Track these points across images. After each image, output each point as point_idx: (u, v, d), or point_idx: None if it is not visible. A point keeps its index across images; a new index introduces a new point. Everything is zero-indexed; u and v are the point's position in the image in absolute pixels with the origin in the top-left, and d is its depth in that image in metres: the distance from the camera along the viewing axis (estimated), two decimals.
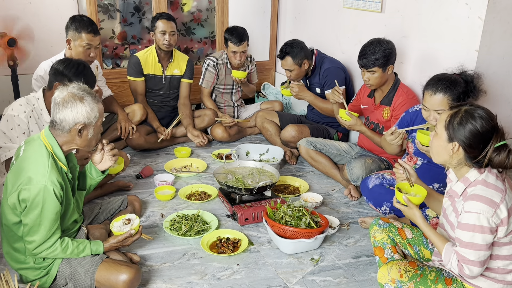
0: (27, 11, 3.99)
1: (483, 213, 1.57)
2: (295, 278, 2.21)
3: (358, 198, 3.01)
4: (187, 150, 3.61)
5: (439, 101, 2.20)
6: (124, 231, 2.09)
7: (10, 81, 3.94)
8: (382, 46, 2.73)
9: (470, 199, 1.61)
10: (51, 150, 1.91)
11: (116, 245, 2.09)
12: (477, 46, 2.58)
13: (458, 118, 1.64)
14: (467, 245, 1.61)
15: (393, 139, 2.49)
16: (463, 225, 1.61)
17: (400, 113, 2.78)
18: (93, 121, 1.94)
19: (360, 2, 3.50)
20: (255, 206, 2.65)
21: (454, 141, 1.66)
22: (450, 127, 1.66)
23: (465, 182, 1.68)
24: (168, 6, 4.29)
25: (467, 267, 1.62)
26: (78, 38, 2.94)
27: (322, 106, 3.54)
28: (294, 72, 3.47)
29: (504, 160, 1.60)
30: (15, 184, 1.85)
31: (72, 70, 2.41)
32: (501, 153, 1.60)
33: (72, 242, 1.97)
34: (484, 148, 1.61)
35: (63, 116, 1.89)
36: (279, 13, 4.78)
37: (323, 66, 3.51)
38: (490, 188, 1.61)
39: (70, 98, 1.89)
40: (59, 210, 1.88)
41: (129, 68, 3.68)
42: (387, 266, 1.87)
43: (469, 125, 1.61)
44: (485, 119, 1.61)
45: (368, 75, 2.81)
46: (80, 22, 2.94)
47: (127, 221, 2.16)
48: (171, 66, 3.74)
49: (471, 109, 1.64)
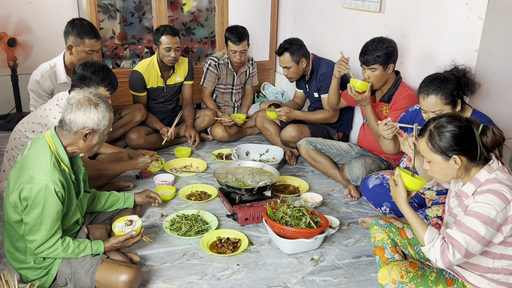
0: (27, 11, 3.99)
1: (493, 204, 1.56)
2: (295, 278, 2.21)
3: (358, 198, 3.01)
4: (187, 150, 3.61)
5: (433, 102, 2.22)
6: (125, 232, 2.09)
7: (10, 81, 3.95)
8: (384, 44, 2.74)
9: (483, 192, 1.61)
10: (54, 151, 1.91)
11: (116, 246, 2.09)
12: (477, 46, 2.58)
13: (437, 137, 1.67)
14: (464, 229, 1.58)
15: (385, 129, 2.48)
16: (469, 211, 1.60)
17: (399, 105, 2.78)
18: (101, 128, 1.96)
19: (359, 2, 3.50)
20: (255, 206, 2.65)
21: (451, 155, 1.66)
22: (437, 147, 1.68)
23: (475, 183, 1.68)
24: (168, 6, 4.29)
25: (452, 248, 1.59)
26: (80, 44, 2.94)
27: (313, 118, 3.53)
28: (292, 70, 3.46)
29: (493, 138, 1.65)
30: (17, 182, 1.86)
31: (101, 75, 2.50)
32: (487, 135, 1.65)
33: (73, 241, 1.97)
34: (474, 142, 1.64)
35: (74, 117, 1.90)
36: (279, 13, 4.78)
37: (320, 70, 3.49)
38: (503, 185, 1.61)
39: (85, 102, 1.91)
40: (61, 210, 1.88)
41: (132, 84, 3.63)
42: (387, 267, 1.86)
43: (448, 134, 1.65)
44: (452, 121, 1.66)
45: (368, 72, 2.80)
46: (82, 28, 2.93)
47: (129, 222, 2.17)
48: (173, 76, 3.74)
49: (437, 123, 1.69)
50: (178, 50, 3.55)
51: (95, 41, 2.97)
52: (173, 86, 3.78)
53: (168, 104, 3.86)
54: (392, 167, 2.99)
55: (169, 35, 3.48)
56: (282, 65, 3.47)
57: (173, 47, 3.50)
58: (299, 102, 3.93)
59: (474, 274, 1.71)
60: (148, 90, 3.67)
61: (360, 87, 2.77)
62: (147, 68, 3.60)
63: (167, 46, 3.49)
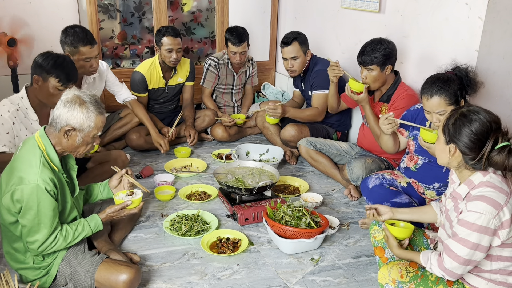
0: (27, 11, 3.99)
1: (485, 213, 1.56)
2: (295, 278, 2.21)
3: (358, 198, 3.01)
4: (187, 150, 3.61)
5: (437, 103, 2.20)
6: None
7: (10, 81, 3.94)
8: (383, 45, 2.74)
9: (475, 199, 1.60)
10: (44, 150, 1.89)
11: (112, 215, 2.07)
12: (477, 46, 2.58)
13: (453, 120, 1.65)
14: (459, 240, 1.60)
15: (385, 123, 2.48)
16: (462, 221, 1.61)
17: (399, 105, 2.78)
18: (85, 129, 1.90)
19: (358, 2, 3.50)
20: (255, 206, 2.65)
21: (451, 143, 1.66)
22: (446, 129, 1.67)
23: (469, 185, 1.67)
24: (168, 6, 4.29)
25: (448, 259, 1.61)
26: (76, 53, 2.83)
27: (301, 116, 3.51)
28: (298, 61, 3.43)
29: (503, 160, 1.57)
30: (8, 184, 1.84)
31: (51, 63, 2.36)
32: (501, 154, 1.57)
33: (70, 226, 1.96)
34: (481, 150, 1.60)
35: (59, 113, 1.88)
36: (279, 13, 4.78)
37: (315, 67, 3.49)
38: (495, 190, 1.60)
39: (72, 99, 1.88)
40: (56, 206, 1.87)
41: (133, 84, 3.62)
42: (387, 266, 1.86)
43: (463, 127, 1.62)
44: (480, 121, 1.60)
45: (366, 72, 2.81)
46: (74, 36, 2.82)
47: (131, 193, 2.16)
48: (174, 77, 3.74)
49: (467, 111, 1.64)
50: (180, 51, 3.54)
51: (89, 47, 2.85)
52: (174, 87, 3.78)
53: (169, 105, 3.86)
54: (392, 167, 2.99)
55: (171, 36, 3.47)
56: (290, 55, 3.41)
57: (174, 48, 3.49)
58: (298, 101, 3.92)
59: (472, 274, 1.72)
60: (150, 90, 3.67)
61: (356, 88, 2.80)
62: (149, 69, 3.60)
63: (168, 47, 3.48)
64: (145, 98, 3.68)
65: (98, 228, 2.03)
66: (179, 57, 3.55)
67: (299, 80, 3.69)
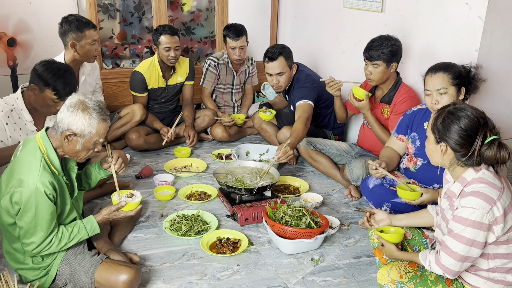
0: (27, 11, 3.98)
1: (479, 208, 1.57)
2: (295, 279, 2.21)
3: (358, 198, 3.01)
4: (187, 150, 3.61)
5: (440, 79, 2.25)
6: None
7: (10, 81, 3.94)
8: (390, 41, 2.76)
9: (468, 195, 1.61)
10: (44, 153, 1.89)
11: (108, 217, 2.05)
12: (477, 46, 2.58)
13: (441, 118, 1.67)
14: (455, 236, 1.61)
15: (374, 173, 2.44)
16: (456, 217, 1.62)
17: (401, 109, 2.79)
18: (86, 135, 1.88)
19: (360, 2, 3.49)
20: (255, 206, 2.65)
21: (441, 142, 1.67)
22: (435, 128, 1.69)
23: (462, 182, 1.68)
24: (168, 6, 4.28)
25: (445, 255, 1.63)
26: (82, 38, 2.92)
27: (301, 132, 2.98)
28: (284, 77, 3.28)
29: (494, 154, 1.59)
30: (7, 186, 1.84)
31: (50, 75, 2.33)
32: (491, 148, 1.59)
33: (66, 228, 1.95)
34: (471, 145, 1.62)
35: (62, 116, 1.87)
36: (279, 13, 4.77)
37: (299, 78, 3.36)
38: (488, 185, 1.61)
39: (76, 104, 1.87)
40: (54, 210, 1.87)
41: (133, 84, 3.62)
42: (387, 267, 1.86)
43: (452, 124, 1.64)
44: (468, 117, 1.62)
45: (371, 68, 2.81)
46: (78, 22, 2.92)
47: (130, 195, 2.14)
48: (174, 76, 3.73)
49: (453, 109, 1.66)
50: (178, 49, 3.54)
51: (94, 30, 2.97)
52: (174, 86, 3.77)
53: (169, 105, 3.85)
54: None
55: (168, 34, 3.47)
56: (276, 71, 3.24)
57: (172, 46, 3.49)
58: (282, 99, 3.87)
59: (470, 273, 1.72)
60: (149, 90, 3.67)
61: (358, 94, 2.87)
62: (148, 69, 3.59)
63: (166, 46, 3.48)
64: (145, 98, 3.67)
65: (95, 230, 2.01)
66: (178, 55, 3.55)
67: (284, 93, 3.65)
